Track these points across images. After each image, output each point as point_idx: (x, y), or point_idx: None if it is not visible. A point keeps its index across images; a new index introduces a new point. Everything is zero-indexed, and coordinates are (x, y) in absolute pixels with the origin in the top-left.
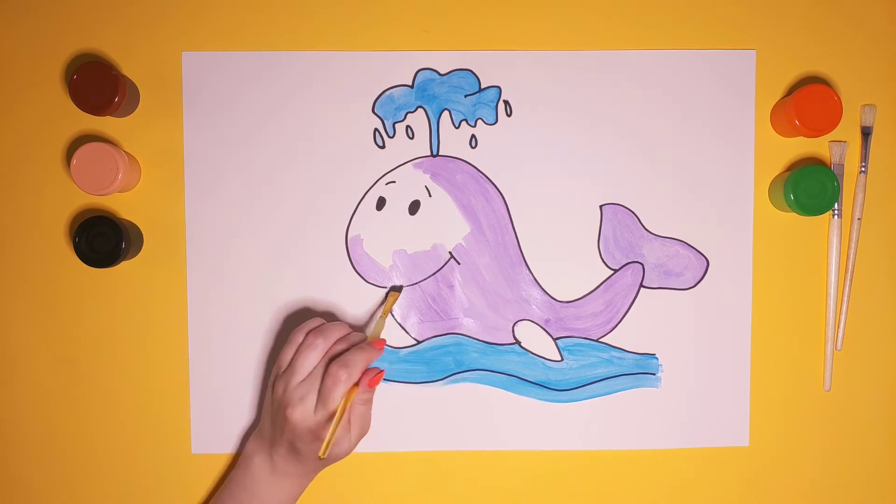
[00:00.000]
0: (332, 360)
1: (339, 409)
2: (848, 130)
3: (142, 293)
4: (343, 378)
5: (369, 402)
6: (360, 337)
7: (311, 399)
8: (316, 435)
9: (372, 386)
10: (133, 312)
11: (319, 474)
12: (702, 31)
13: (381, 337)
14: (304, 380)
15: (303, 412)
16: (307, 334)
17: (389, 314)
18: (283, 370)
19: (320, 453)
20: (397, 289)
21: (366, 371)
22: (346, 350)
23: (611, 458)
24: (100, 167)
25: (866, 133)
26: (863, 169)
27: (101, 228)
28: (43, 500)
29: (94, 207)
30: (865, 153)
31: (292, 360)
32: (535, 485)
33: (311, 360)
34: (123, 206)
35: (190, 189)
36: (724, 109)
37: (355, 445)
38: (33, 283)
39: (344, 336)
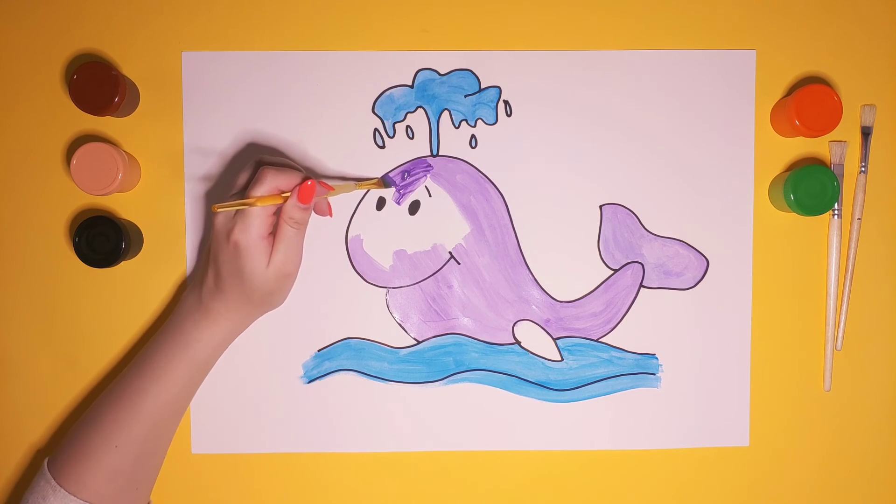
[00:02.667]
0: None
1: (249, 199)
2: (848, 130)
3: (142, 293)
4: (268, 176)
5: (299, 226)
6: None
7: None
8: (231, 240)
9: (304, 199)
10: (133, 312)
11: (319, 473)
12: (702, 31)
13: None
14: (238, 192)
15: (226, 214)
16: (261, 157)
17: (359, 191)
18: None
19: (214, 206)
20: (386, 183)
21: (300, 184)
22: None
23: (611, 458)
24: (100, 167)
25: (866, 133)
26: (863, 169)
27: (101, 228)
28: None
29: (94, 207)
30: (865, 153)
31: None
32: (536, 485)
33: (249, 173)
34: (123, 206)
35: (190, 189)
36: (724, 109)
37: (276, 280)
38: (33, 283)
39: (291, 165)
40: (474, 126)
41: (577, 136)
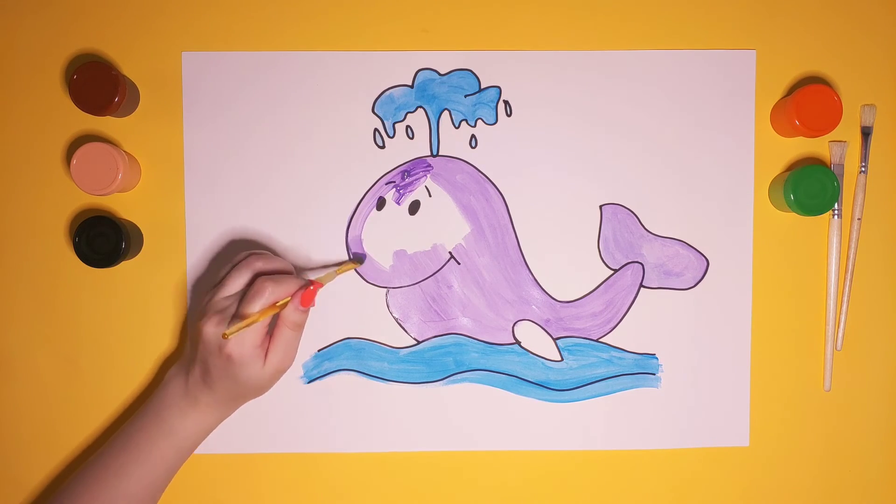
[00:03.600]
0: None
1: (251, 316)
2: (848, 130)
3: (142, 293)
4: (267, 290)
5: (299, 328)
6: (300, 279)
7: (229, 313)
8: (224, 353)
9: (305, 304)
10: (133, 312)
11: (320, 473)
12: (702, 31)
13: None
14: (229, 295)
15: (216, 323)
16: (249, 256)
17: (337, 276)
18: (213, 286)
19: (224, 331)
20: (359, 259)
21: (298, 290)
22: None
23: (611, 458)
24: (100, 167)
25: (866, 133)
26: (863, 169)
27: (101, 228)
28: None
29: (94, 207)
30: (865, 153)
31: (224, 276)
32: (535, 485)
33: (244, 278)
34: (123, 206)
35: (190, 189)
36: (724, 109)
37: (271, 378)
38: (33, 283)
39: (285, 268)
40: (474, 126)
41: (577, 136)
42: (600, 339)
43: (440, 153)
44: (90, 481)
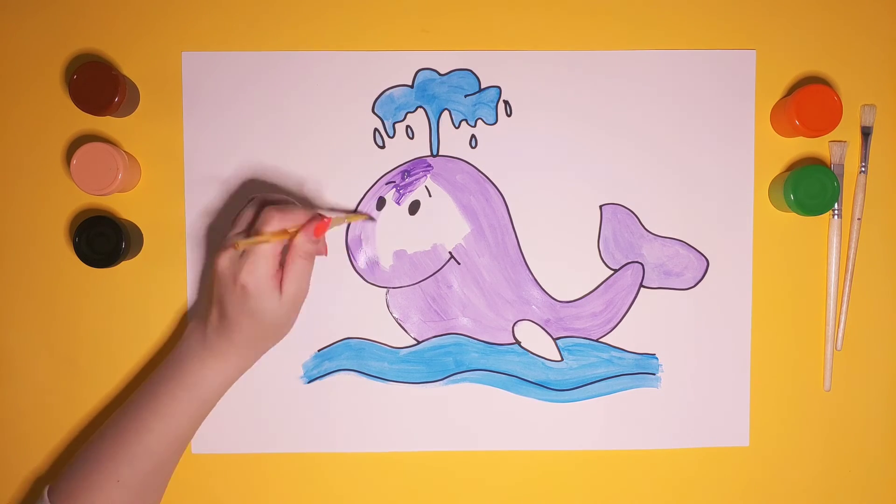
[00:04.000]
0: None
1: (265, 235)
2: (848, 130)
3: (142, 293)
4: (274, 218)
5: (311, 258)
6: (307, 210)
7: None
8: (239, 283)
9: (318, 234)
10: (133, 312)
11: (320, 473)
12: (702, 31)
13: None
14: (240, 231)
15: (229, 256)
16: (256, 196)
17: (347, 224)
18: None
19: (235, 243)
20: (369, 215)
21: (309, 220)
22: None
23: (611, 458)
24: (100, 167)
25: (866, 133)
26: (863, 169)
27: (101, 228)
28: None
29: (94, 207)
30: (865, 153)
31: (235, 217)
32: (535, 485)
33: (252, 213)
34: (123, 206)
35: (190, 189)
36: (724, 109)
37: (288, 311)
38: (33, 283)
39: (284, 198)
40: (474, 126)
41: (577, 135)
42: (600, 339)
43: (440, 153)
44: (111, 441)
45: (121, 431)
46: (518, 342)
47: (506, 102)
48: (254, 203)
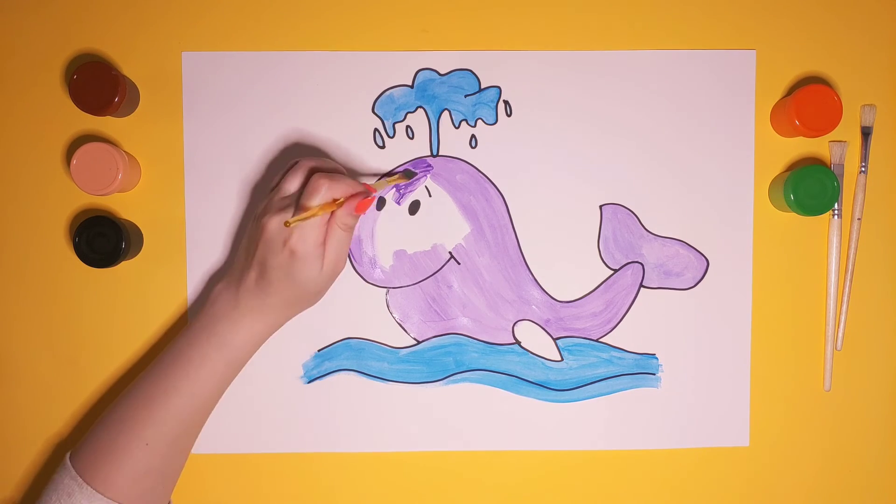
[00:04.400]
0: None
1: (311, 210)
2: (848, 130)
3: (142, 293)
4: (323, 187)
5: (351, 230)
6: (354, 180)
7: (289, 209)
8: (288, 246)
9: (360, 210)
10: (133, 312)
11: (319, 473)
12: (702, 31)
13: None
14: (286, 195)
15: (279, 219)
16: (301, 160)
17: (391, 188)
18: (270, 190)
19: (287, 220)
20: (409, 174)
21: (353, 195)
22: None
23: (611, 458)
24: (100, 167)
25: (866, 133)
26: (863, 169)
27: (101, 228)
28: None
29: (94, 207)
30: (865, 153)
31: (280, 180)
32: (535, 485)
33: (299, 180)
34: (123, 206)
35: (190, 189)
36: (724, 109)
37: (326, 280)
38: (33, 283)
39: (337, 168)
40: (474, 126)
41: (577, 136)
42: (600, 339)
43: (440, 153)
44: (136, 403)
45: (148, 394)
46: (518, 342)
47: (506, 102)
48: (298, 169)
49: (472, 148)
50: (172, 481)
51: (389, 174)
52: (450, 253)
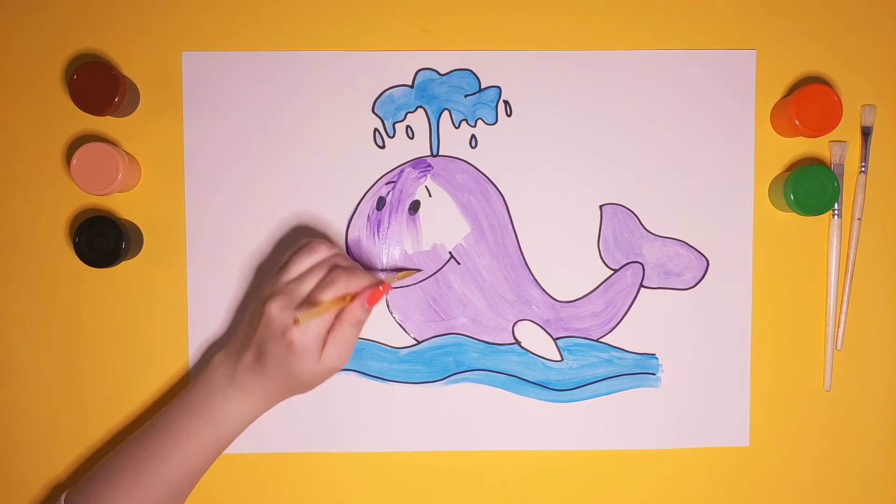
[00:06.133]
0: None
1: (323, 304)
2: (848, 130)
3: (142, 293)
4: (341, 281)
5: (359, 325)
6: (370, 275)
7: (297, 297)
8: (287, 337)
9: (371, 302)
10: (133, 312)
11: (320, 473)
12: (702, 31)
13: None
14: (295, 278)
15: (282, 305)
16: (311, 241)
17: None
18: (277, 271)
19: (297, 316)
20: (417, 268)
21: (366, 287)
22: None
23: (611, 458)
24: (100, 167)
25: (866, 133)
26: (863, 169)
27: (101, 228)
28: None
29: (94, 207)
30: (865, 153)
31: (288, 260)
32: (535, 485)
33: (309, 262)
34: (123, 206)
35: (190, 189)
36: (724, 109)
37: (324, 375)
38: (33, 283)
39: (348, 258)
40: (474, 126)
41: (577, 136)
42: (600, 339)
43: (440, 153)
44: (129, 462)
45: (138, 456)
46: (518, 342)
47: (506, 102)
48: (307, 252)
49: (472, 148)
50: None
51: (399, 269)
52: (450, 253)
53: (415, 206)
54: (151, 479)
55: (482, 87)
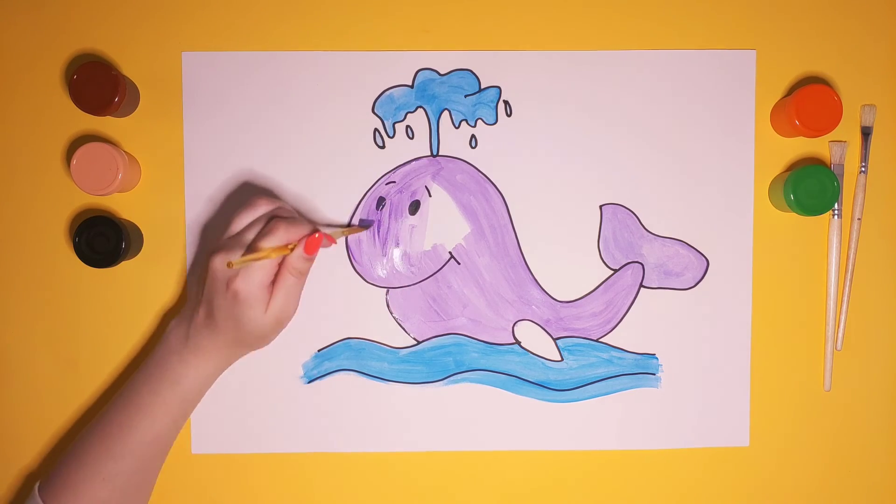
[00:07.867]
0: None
1: (260, 251)
2: (848, 130)
3: (142, 293)
4: (280, 231)
5: (302, 276)
6: (310, 225)
7: (238, 250)
8: (232, 288)
9: (309, 251)
10: (133, 312)
11: (319, 473)
12: (702, 31)
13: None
14: (235, 233)
15: (224, 258)
16: (255, 197)
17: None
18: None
19: (230, 262)
20: (366, 225)
21: (306, 236)
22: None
23: (611, 458)
24: (100, 167)
25: (866, 133)
26: (863, 169)
27: (101, 228)
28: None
29: (94, 207)
30: (865, 153)
31: (233, 217)
32: (536, 485)
33: (250, 217)
34: (123, 206)
35: (190, 189)
36: (724, 109)
37: (272, 327)
38: (33, 283)
39: (290, 210)
40: (474, 126)
41: (577, 136)
42: (600, 339)
43: (440, 153)
44: (96, 439)
45: (105, 429)
46: (518, 342)
47: (506, 102)
48: (254, 206)
49: (472, 148)
50: None
51: (347, 225)
52: (450, 253)
53: (415, 206)
54: (119, 451)
55: (482, 87)
